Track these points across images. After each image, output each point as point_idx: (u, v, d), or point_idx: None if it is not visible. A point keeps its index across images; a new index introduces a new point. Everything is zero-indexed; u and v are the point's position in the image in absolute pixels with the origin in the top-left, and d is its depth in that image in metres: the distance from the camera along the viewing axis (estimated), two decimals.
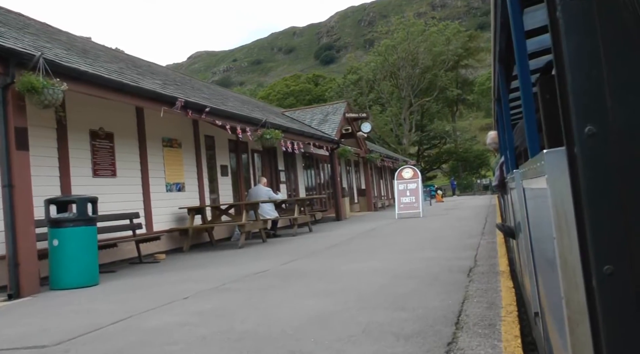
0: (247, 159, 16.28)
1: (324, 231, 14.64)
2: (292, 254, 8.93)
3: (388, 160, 29.24)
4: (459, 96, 63.93)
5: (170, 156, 12.41)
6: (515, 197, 3.62)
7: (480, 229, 10.74)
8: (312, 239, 12.15)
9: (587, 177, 1.09)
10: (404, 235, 10.95)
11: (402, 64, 56.52)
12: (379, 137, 56.72)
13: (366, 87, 58.43)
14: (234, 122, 12.27)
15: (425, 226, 13.12)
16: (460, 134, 66.36)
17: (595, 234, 1.09)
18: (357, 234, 12.13)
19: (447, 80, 59.07)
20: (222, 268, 7.95)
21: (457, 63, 63.18)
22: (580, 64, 1.10)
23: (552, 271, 1.57)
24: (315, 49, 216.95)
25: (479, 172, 66.30)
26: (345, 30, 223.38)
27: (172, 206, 12.19)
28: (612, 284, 1.07)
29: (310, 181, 21.65)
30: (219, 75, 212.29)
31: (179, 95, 10.72)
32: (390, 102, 58.23)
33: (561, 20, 1.11)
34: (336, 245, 10.02)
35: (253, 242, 12.50)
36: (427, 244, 8.86)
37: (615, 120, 1.07)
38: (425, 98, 59.17)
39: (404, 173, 17.97)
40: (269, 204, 13.83)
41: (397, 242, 9.45)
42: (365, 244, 9.83)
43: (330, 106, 23.48)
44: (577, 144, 1.10)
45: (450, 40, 57.69)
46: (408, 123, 58.14)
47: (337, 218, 19.70)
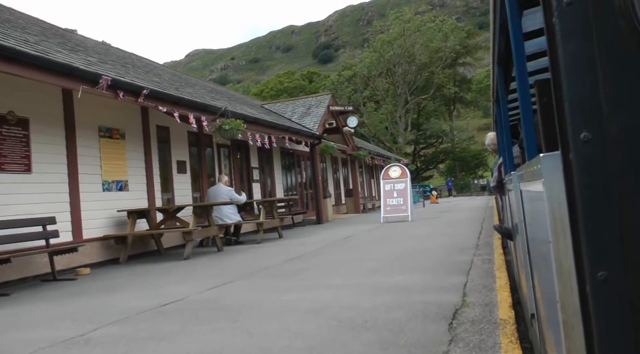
0: (211, 155, 14.32)
1: (296, 237, 12.70)
2: (232, 273, 7.01)
3: (379, 158, 27.20)
4: (457, 94, 61.95)
5: (110, 148, 10.46)
6: (512, 199, 3.53)
7: (474, 240, 8.80)
8: (275, 248, 10.21)
9: (582, 183, 1.10)
10: (381, 246, 9.01)
11: (397, 61, 54.56)
12: (374, 135, 54.77)
13: (361, 84, 56.41)
14: (184, 110, 10.31)
15: (410, 233, 11.18)
16: (457, 134, 64.35)
17: (589, 240, 1.10)
18: (329, 243, 10.19)
19: (444, 78, 57.07)
20: (132, 292, 6.02)
21: (455, 61, 61.20)
22: (576, 70, 1.10)
23: (548, 274, 1.57)
24: (314, 48, 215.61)
25: (476, 172, 64.26)
26: (343, 29, 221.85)
27: (111, 209, 10.25)
28: (606, 290, 1.07)
29: (290, 181, 19.69)
30: (217, 73, 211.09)
31: (111, 73, 8.77)
32: (385, 100, 56.22)
33: (557, 26, 1.11)
34: (296, 258, 8.09)
35: (206, 252, 10.56)
36: (405, 260, 6.93)
37: (610, 126, 1.07)
38: (421, 96, 57.19)
39: (391, 172, 16.02)
40: (231, 206, 11.90)
41: (369, 257, 7.52)
42: (330, 258, 7.90)
43: (313, 98, 21.48)
44: (572, 150, 1.11)
45: (447, 36, 55.62)
46: (404, 121, 56.12)
47: (318, 221, 17.76)
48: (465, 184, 61.18)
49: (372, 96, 57.03)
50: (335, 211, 23.97)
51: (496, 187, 6.21)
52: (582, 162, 1.09)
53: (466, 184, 61.08)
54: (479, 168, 63.80)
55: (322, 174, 21.46)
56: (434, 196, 33.59)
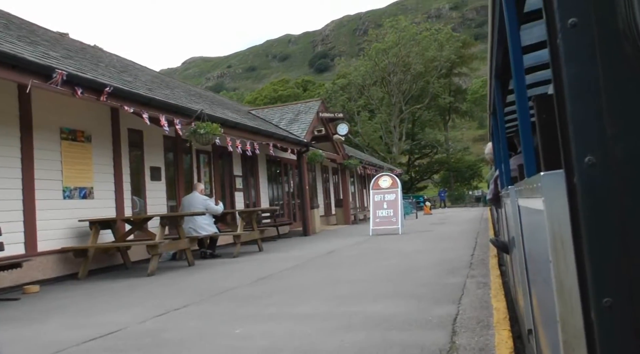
0: (189, 161, 13.46)
1: (277, 250, 11.83)
2: (192, 294, 6.14)
3: (371, 167, 26.33)
4: (452, 104, 61.24)
5: (73, 152, 9.59)
6: (509, 214, 3.41)
7: (467, 257, 7.96)
8: (251, 264, 9.33)
9: (587, 208, 1.07)
10: (365, 263, 8.15)
11: (392, 69, 53.89)
12: (368, 144, 54.00)
13: (355, 93, 55.67)
14: (155, 111, 9.47)
15: (399, 248, 10.32)
16: (452, 145, 63.57)
17: (594, 266, 1.06)
18: (310, 259, 9.33)
19: (439, 87, 56.39)
20: (68, 319, 5.14)
21: (450, 70, 60.59)
22: (581, 93, 1.08)
23: (547, 291, 1.54)
24: (310, 57, 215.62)
25: (471, 183, 63.46)
26: (340, 38, 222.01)
27: (72, 218, 9.37)
28: (612, 317, 1.04)
29: (277, 190, 18.82)
30: (213, 81, 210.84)
31: (70, 68, 7.92)
32: (379, 109, 55.49)
33: (561, 48, 1.10)
34: (269, 277, 7.23)
35: (175, 267, 9.67)
36: (389, 282, 6.07)
37: (616, 151, 1.05)
38: (416, 105, 56.48)
39: (381, 182, 15.19)
40: (206, 217, 11.02)
41: (348, 278, 6.66)
42: (306, 277, 7.03)
43: (302, 105, 20.64)
44: (576, 173, 1.08)
45: (443, 45, 55.01)
46: (398, 131, 55.37)
47: (304, 233, 16.88)
48: (459, 195, 60.36)
49: (366, 105, 56.30)
50: (325, 222, 23.11)
51: (492, 199, 6.02)
52: (587, 186, 1.07)
53: (461, 195, 60.27)
54: (474, 179, 63.01)
55: (310, 184, 20.61)
56: (428, 207, 32.77)
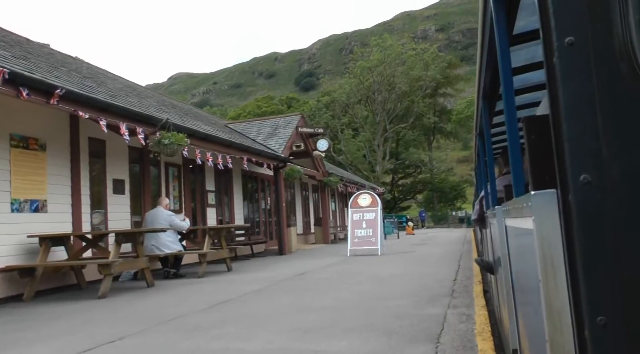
0: (157, 174, 12.70)
1: (247, 270, 11.07)
2: (135, 322, 5.39)
3: (352, 185, 25.69)
4: (436, 124, 61.05)
5: (24, 161, 8.81)
6: (495, 234, 3.40)
7: (449, 282, 7.29)
8: (213, 286, 8.58)
9: (581, 226, 1.08)
10: (337, 288, 7.43)
11: (377, 88, 53.65)
12: (351, 163, 53.46)
13: (339, 110, 55.26)
14: (114, 118, 8.75)
15: (375, 271, 9.63)
16: (437, 165, 63.18)
17: (588, 285, 1.07)
18: (277, 281, 8.60)
19: (424, 107, 56.18)
20: None
21: (436, 90, 60.51)
22: (576, 112, 1.09)
23: (535, 311, 1.54)
24: (296, 75, 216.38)
25: (455, 204, 63.09)
26: (326, 57, 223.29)
27: (21, 233, 8.56)
28: (606, 335, 1.05)
29: (253, 207, 18.07)
30: (199, 97, 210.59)
31: (16, 68, 7.19)
32: (364, 127, 55.10)
33: (558, 67, 1.10)
34: (227, 303, 6.50)
35: (132, 288, 8.89)
36: (359, 312, 5.37)
37: (611, 169, 1.06)
38: (400, 124, 56.16)
39: (360, 200, 14.52)
40: (170, 233, 10.27)
41: (315, 305, 5.95)
42: (268, 304, 6.30)
43: (281, 119, 20.00)
44: (571, 192, 1.09)
45: (428, 65, 54.95)
46: (382, 150, 54.96)
47: (280, 252, 16.13)
48: (443, 215, 59.92)
49: (350, 123, 55.89)
50: (304, 241, 22.37)
51: (477, 220, 6.02)
52: (582, 204, 1.08)
53: (444, 215, 59.84)
54: (458, 200, 62.67)
55: (287, 201, 19.91)
56: (410, 227, 32.15)
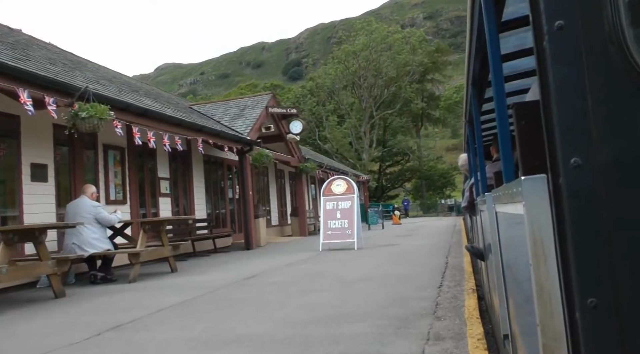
0: (94, 158, 10.79)
1: (191, 272, 9.25)
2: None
3: (333, 172, 23.78)
4: (424, 110, 59.21)
5: None
6: (485, 220, 3.43)
7: (433, 291, 5.51)
8: (133, 296, 6.76)
9: (572, 209, 1.09)
10: (281, 301, 5.59)
11: (362, 73, 51.69)
12: (337, 150, 51.56)
13: (324, 97, 53.26)
14: (10, 82, 6.86)
15: (343, 272, 7.82)
16: (427, 154, 61.29)
17: (579, 267, 1.08)
18: (214, 289, 6.79)
19: (411, 92, 54.28)
20: None
21: (424, 76, 58.60)
22: (567, 95, 1.10)
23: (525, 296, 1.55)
24: (284, 65, 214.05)
25: (444, 192, 61.30)
26: (314, 46, 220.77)
27: None
28: (596, 317, 1.06)
29: (217, 196, 16.19)
30: (186, 87, 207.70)
31: None
32: (349, 114, 53.15)
33: (547, 51, 1.11)
34: (121, 328, 4.69)
35: (38, 298, 7.03)
36: (293, 346, 3.56)
37: (601, 152, 1.07)
38: (387, 111, 54.26)
39: (334, 186, 12.69)
40: (97, 229, 8.42)
41: (233, 335, 4.15)
42: (162, 337, 4.45)
43: (250, 99, 18.06)
44: (562, 175, 1.10)
45: (415, 49, 53.00)
46: (369, 137, 53.06)
47: (247, 246, 14.30)
48: (432, 203, 58.22)
49: (335, 110, 53.87)
50: (279, 233, 20.54)
51: (467, 207, 5.79)
52: (572, 187, 1.09)
53: (433, 204, 58.14)
54: (447, 188, 60.92)
55: (257, 189, 18.06)
56: (397, 217, 30.40)
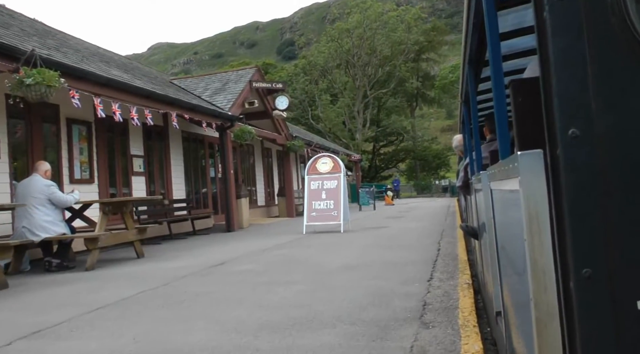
0: (56, 133, 9.88)
1: (158, 258, 8.42)
2: None
3: (323, 151, 22.87)
4: (419, 89, 58.12)
5: None
6: (480, 199, 3.31)
7: (421, 287, 4.69)
8: (78, 288, 5.93)
9: (569, 180, 1.10)
10: (239, 300, 4.72)
11: (356, 52, 50.50)
12: (329, 130, 50.57)
13: (317, 75, 52.08)
14: None
15: (323, 259, 7.00)
16: (421, 135, 60.29)
17: (575, 237, 1.09)
18: (172, 280, 5.96)
19: (406, 71, 53.14)
20: None
21: (419, 55, 57.41)
22: (566, 66, 1.09)
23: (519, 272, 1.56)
24: (278, 44, 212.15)
25: (438, 173, 60.43)
26: (308, 26, 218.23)
27: None
28: (590, 287, 1.08)
29: (198, 175, 15.29)
30: (179, 67, 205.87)
31: None
32: (343, 93, 52.03)
33: (548, 22, 1.11)
34: (35, 335, 3.84)
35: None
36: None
37: (599, 124, 1.07)
38: (381, 90, 53.18)
39: (320, 164, 11.81)
40: (51, 211, 7.54)
41: (181, 338, 3.30)
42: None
43: (233, 73, 17.04)
44: (560, 146, 1.10)
45: (410, 26, 51.73)
46: (362, 117, 52.02)
47: (228, 228, 13.47)
48: (426, 184, 57.41)
49: (329, 89, 52.73)
50: (266, 214, 19.72)
51: (462, 187, 5.92)
52: (570, 158, 1.09)
53: (427, 184, 57.35)
54: (441, 169, 60.06)
55: (239, 168, 17.19)
56: (389, 197, 29.59)
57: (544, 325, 1.24)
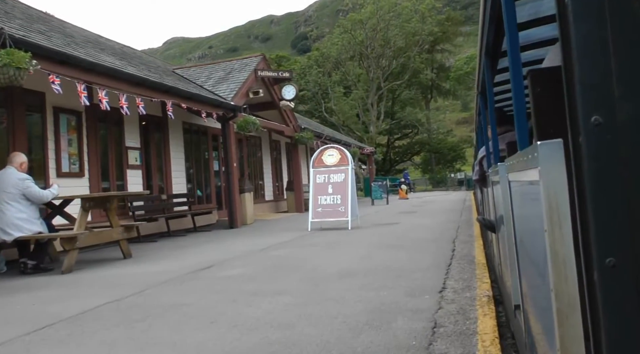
0: (41, 124, 9.22)
1: (146, 259, 7.72)
2: None
3: (333, 144, 22.06)
4: (434, 81, 57.00)
5: None
6: (498, 191, 3.33)
7: (431, 300, 3.93)
8: (55, 293, 5.28)
9: (592, 168, 1.06)
10: (227, 303, 4.06)
11: (370, 43, 49.51)
12: (343, 123, 49.69)
13: (330, 67, 51.15)
14: None
15: (323, 262, 6.26)
16: (436, 127, 59.18)
17: (598, 226, 1.05)
18: (157, 283, 5.29)
19: (420, 62, 52.06)
20: None
21: (433, 46, 56.28)
22: (589, 53, 1.06)
23: (538, 264, 1.53)
24: (293, 38, 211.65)
25: (454, 165, 59.25)
26: (323, 20, 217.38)
27: None
28: (614, 276, 1.04)
29: (200, 169, 14.60)
30: (194, 61, 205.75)
31: None
32: (356, 85, 51.08)
33: (570, 8, 1.07)
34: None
35: None
36: None
37: (622, 111, 1.04)
38: (396, 82, 52.17)
39: (326, 157, 11.04)
40: (26, 208, 6.88)
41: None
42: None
43: (238, 61, 16.28)
44: (582, 133, 1.06)
45: (425, 17, 50.57)
46: (376, 109, 51.05)
47: (231, 224, 12.77)
48: (441, 178, 56.35)
49: (342, 81, 51.80)
50: (274, 209, 19.01)
51: (478, 180, 5.66)
52: (593, 146, 1.05)
53: (443, 178, 56.29)
54: (457, 161, 58.90)
55: (242, 160, 16.49)
56: (404, 191, 28.69)
57: (566, 316, 1.23)
